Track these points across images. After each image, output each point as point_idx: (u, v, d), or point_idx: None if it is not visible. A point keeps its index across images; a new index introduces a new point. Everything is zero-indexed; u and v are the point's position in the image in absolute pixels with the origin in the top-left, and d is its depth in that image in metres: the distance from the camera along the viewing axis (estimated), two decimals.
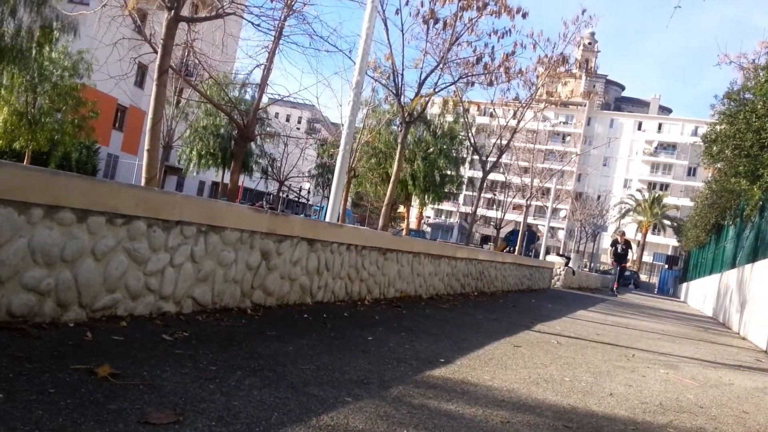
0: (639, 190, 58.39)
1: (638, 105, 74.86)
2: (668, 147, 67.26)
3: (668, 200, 56.35)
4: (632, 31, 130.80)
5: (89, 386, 1.51)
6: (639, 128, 68.92)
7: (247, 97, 20.45)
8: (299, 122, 51.93)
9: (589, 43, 64.01)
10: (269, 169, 30.83)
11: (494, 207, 25.06)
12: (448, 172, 26.17)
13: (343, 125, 5.68)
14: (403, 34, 8.85)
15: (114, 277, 2.28)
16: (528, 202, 20.27)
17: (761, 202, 7.88)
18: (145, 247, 2.40)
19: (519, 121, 13.58)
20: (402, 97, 9.10)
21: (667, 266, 41.80)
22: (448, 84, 9.99)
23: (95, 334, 2.03)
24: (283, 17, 7.98)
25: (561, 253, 26.72)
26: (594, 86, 63.72)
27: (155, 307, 2.51)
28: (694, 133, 58.98)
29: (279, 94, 10.61)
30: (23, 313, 1.97)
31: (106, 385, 1.54)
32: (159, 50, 5.73)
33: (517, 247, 18.91)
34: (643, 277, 50.00)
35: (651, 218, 53.75)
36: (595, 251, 43.82)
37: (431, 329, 3.56)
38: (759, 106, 7.04)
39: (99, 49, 10.50)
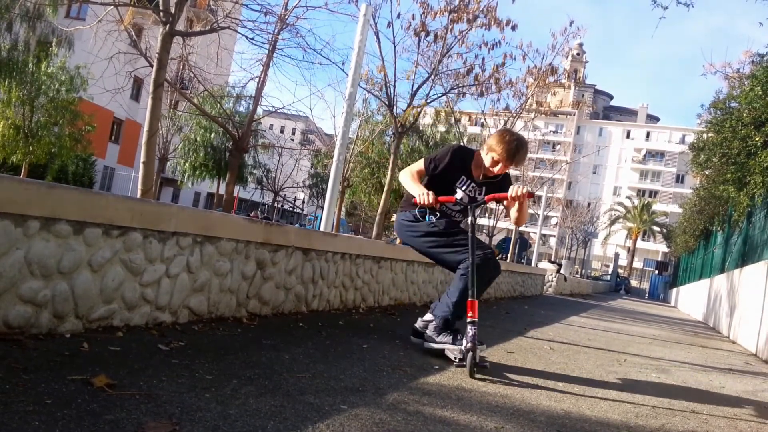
0: (629, 197, 58.98)
1: (626, 114, 75.79)
2: (656, 155, 68.09)
3: (657, 207, 56.97)
4: (620, 41, 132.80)
5: (86, 396, 1.51)
6: (627, 136, 69.74)
7: (242, 109, 20.51)
8: (293, 133, 51.94)
9: (578, 54, 64.89)
10: (264, 179, 30.84)
11: (486, 215, 25.18)
12: None
13: (336, 136, 5.73)
14: (395, 47, 8.97)
15: (110, 288, 2.29)
16: None
17: (749, 209, 8.01)
18: (141, 258, 2.41)
19: None
20: (394, 108, 9.18)
21: (657, 272, 42.18)
22: (439, 95, 10.11)
23: (92, 345, 2.03)
24: (276, 31, 8.06)
25: (553, 259, 26.85)
26: (583, 96, 64.43)
27: (151, 318, 2.52)
28: (682, 141, 59.83)
29: (273, 106, 10.67)
30: (20, 324, 1.97)
31: (102, 396, 1.54)
32: (154, 64, 5.76)
33: (509, 255, 18.97)
34: (634, 283, 50.37)
35: (641, 225, 54.27)
36: (587, 258, 44.08)
37: None
38: (744, 115, 7.18)
39: (95, 63, 10.55)
